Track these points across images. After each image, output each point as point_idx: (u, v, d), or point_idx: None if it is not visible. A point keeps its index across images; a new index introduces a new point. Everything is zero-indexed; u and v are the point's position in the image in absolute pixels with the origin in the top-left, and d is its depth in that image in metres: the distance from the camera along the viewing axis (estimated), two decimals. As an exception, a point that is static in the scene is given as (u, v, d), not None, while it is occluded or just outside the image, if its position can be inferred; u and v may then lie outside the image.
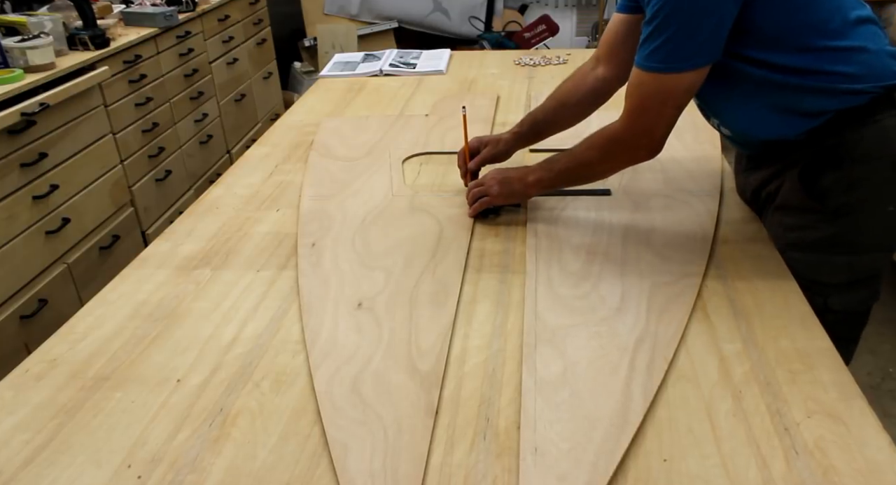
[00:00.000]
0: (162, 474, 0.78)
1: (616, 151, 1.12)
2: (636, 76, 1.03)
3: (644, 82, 1.02)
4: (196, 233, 1.30)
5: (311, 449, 0.80)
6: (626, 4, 1.24)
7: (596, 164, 1.15)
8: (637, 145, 1.09)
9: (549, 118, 1.35)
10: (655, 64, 1.00)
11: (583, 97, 1.32)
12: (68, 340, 1.02)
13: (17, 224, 1.95)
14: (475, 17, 4.21)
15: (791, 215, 1.13)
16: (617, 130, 1.09)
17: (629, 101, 1.06)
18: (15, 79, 2.00)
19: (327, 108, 1.94)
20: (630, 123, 1.07)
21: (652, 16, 0.98)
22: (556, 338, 0.96)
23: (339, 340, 0.98)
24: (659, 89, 1.02)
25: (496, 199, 1.24)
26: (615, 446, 0.77)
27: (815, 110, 1.05)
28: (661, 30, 0.97)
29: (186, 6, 2.96)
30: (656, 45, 0.99)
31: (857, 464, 0.74)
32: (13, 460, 0.81)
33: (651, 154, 1.09)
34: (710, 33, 0.97)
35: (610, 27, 1.29)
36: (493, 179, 1.25)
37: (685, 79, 1.01)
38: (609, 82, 1.30)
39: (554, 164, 1.19)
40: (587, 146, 1.15)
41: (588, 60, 1.34)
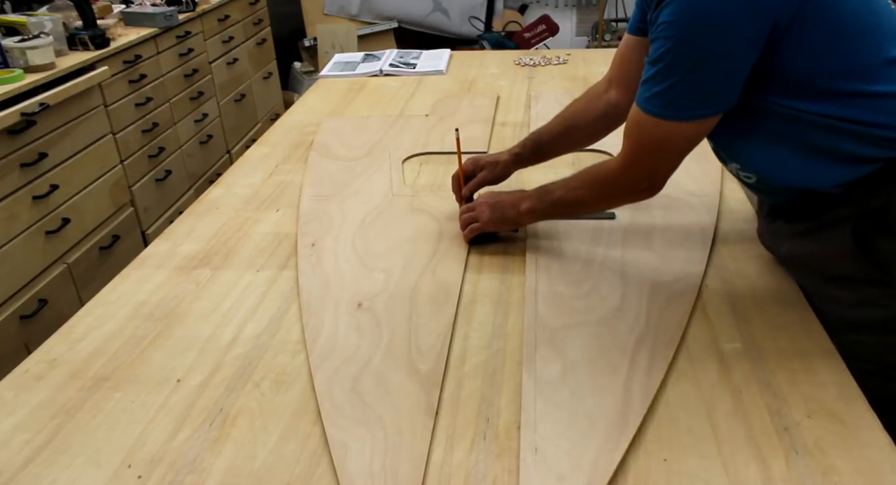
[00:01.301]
0: (162, 474, 0.78)
1: (612, 193, 1.04)
2: (635, 114, 0.93)
3: (643, 125, 0.92)
4: (196, 233, 1.30)
5: (311, 449, 0.80)
6: (636, 26, 1.13)
7: (590, 203, 1.08)
8: (636, 188, 1.00)
9: (555, 140, 1.25)
10: (656, 109, 0.89)
11: (593, 121, 1.23)
12: (68, 340, 1.02)
13: (17, 224, 1.95)
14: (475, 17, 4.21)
15: (846, 289, 0.94)
16: (613, 170, 1.00)
17: (628, 141, 0.97)
18: (15, 79, 2.00)
19: (327, 108, 1.94)
20: (628, 165, 0.98)
21: (656, 57, 0.87)
22: (556, 338, 0.96)
23: (339, 340, 0.98)
24: (659, 135, 0.92)
25: (487, 225, 1.16)
26: (615, 446, 0.77)
27: (853, 156, 0.88)
28: (665, 74, 0.87)
29: (186, 6, 2.96)
30: (658, 89, 0.88)
31: (857, 464, 0.74)
32: (13, 460, 0.81)
33: (652, 194, 1.00)
34: (720, 83, 0.86)
35: (622, 48, 1.19)
36: (485, 203, 1.17)
37: (689, 128, 0.90)
38: (622, 108, 1.18)
39: (548, 194, 1.11)
40: (582, 183, 1.07)
41: (601, 81, 1.24)
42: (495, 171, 1.26)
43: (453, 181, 1.28)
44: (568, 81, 2.06)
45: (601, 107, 1.22)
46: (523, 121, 1.76)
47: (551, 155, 1.28)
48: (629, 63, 1.16)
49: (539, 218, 1.16)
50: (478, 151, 1.60)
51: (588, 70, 2.16)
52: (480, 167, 1.26)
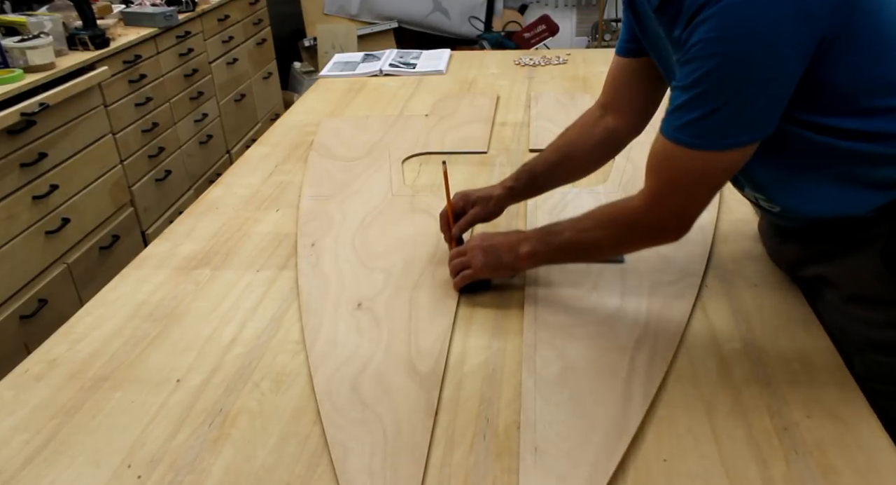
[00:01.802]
0: (162, 474, 0.78)
1: (634, 235, 0.93)
2: (663, 148, 0.83)
3: (674, 157, 0.82)
4: (196, 233, 1.30)
5: (311, 449, 0.80)
6: (627, 47, 1.06)
7: (607, 246, 0.97)
8: (663, 229, 0.90)
9: (551, 172, 1.14)
10: (691, 139, 0.79)
11: (591, 150, 1.14)
12: (68, 341, 1.01)
13: (17, 224, 1.95)
14: (475, 17, 4.21)
15: (872, 310, 0.90)
16: (636, 209, 0.89)
17: (653, 178, 0.87)
18: (15, 79, 2.00)
19: (327, 108, 1.94)
20: (654, 203, 0.87)
21: (692, 81, 0.77)
22: (556, 338, 0.96)
23: (339, 340, 0.98)
24: (693, 168, 0.82)
25: (480, 271, 1.04)
26: (615, 446, 0.77)
27: (889, 182, 0.84)
28: (705, 99, 0.77)
29: (186, 6, 2.96)
30: (694, 116, 0.78)
31: (857, 464, 0.74)
32: (13, 460, 0.81)
33: (679, 236, 0.89)
34: (766, 104, 0.77)
35: (613, 72, 1.12)
36: (478, 247, 1.04)
37: (728, 158, 0.81)
38: (620, 134, 1.12)
39: (553, 235, 0.99)
40: (596, 223, 0.95)
41: (593, 107, 1.16)
42: (488, 207, 1.13)
43: (441, 219, 1.15)
44: (568, 81, 2.06)
45: (598, 134, 1.13)
46: (523, 121, 1.76)
47: (547, 188, 1.18)
48: (624, 87, 1.10)
49: (541, 263, 1.04)
50: (477, 151, 1.60)
51: (588, 70, 2.16)
52: (471, 203, 1.14)
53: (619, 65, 1.10)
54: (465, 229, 1.13)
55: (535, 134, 1.66)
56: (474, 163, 1.54)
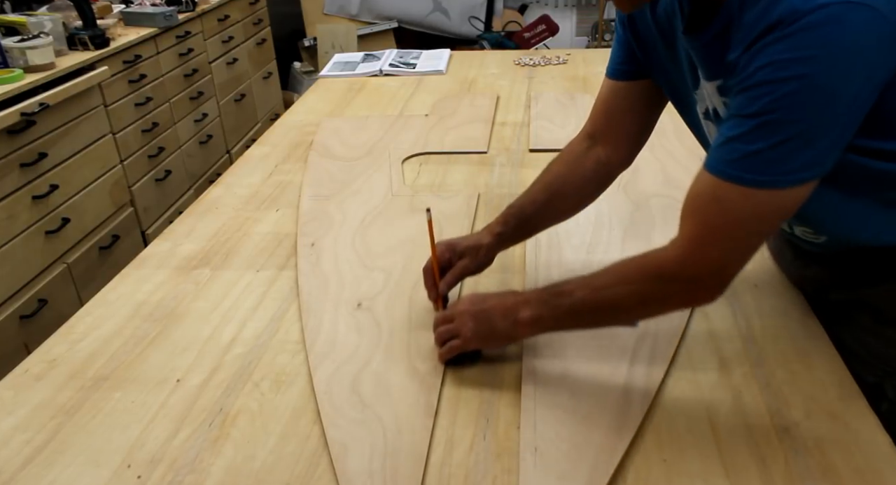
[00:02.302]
0: (161, 474, 0.78)
1: (666, 293, 0.79)
2: (711, 187, 0.72)
3: (725, 197, 0.71)
4: (196, 233, 1.30)
5: (311, 449, 0.80)
6: (622, 69, 0.97)
7: (629, 306, 0.82)
8: (697, 286, 0.77)
9: (541, 213, 1.03)
10: (751, 174, 0.68)
11: (581, 186, 1.03)
12: (68, 341, 1.01)
13: (16, 224, 1.95)
14: (475, 17, 4.21)
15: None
16: (670, 260, 0.77)
17: (694, 223, 0.75)
18: (15, 79, 2.00)
19: (327, 108, 1.94)
20: (693, 253, 0.75)
21: (758, 109, 0.67)
22: (555, 338, 0.96)
23: (339, 340, 0.98)
24: (747, 209, 0.70)
25: (470, 342, 0.89)
26: (615, 446, 0.77)
27: None
28: (773, 129, 0.67)
29: (186, 6, 2.96)
30: (757, 148, 0.67)
31: (857, 464, 0.74)
32: (13, 460, 0.81)
33: (715, 296, 0.77)
34: (840, 133, 0.68)
35: (605, 98, 1.02)
36: (467, 312, 0.89)
37: (791, 196, 0.70)
38: (612, 166, 1.03)
39: (562, 296, 0.84)
40: (618, 278, 0.81)
41: (578, 138, 1.05)
42: (477, 257, 1.01)
43: (425, 275, 1.02)
44: (568, 81, 2.06)
45: (589, 167, 1.02)
46: (523, 121, 1.76)
47: (537, 229, 1.06)
48: (617, 113, 1.00)
49: (545, 330, 0.88)
50: (477, 151, 1.60)
51: (588, 70, 2.16)
52: (458, 254, 1.01)
53: (612, 89, 1.00)
54: (454, 285, 1.00)
55: (535, 134, 1.66)
56: (474, 163, 1.54)
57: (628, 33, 0.93)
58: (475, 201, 1.35)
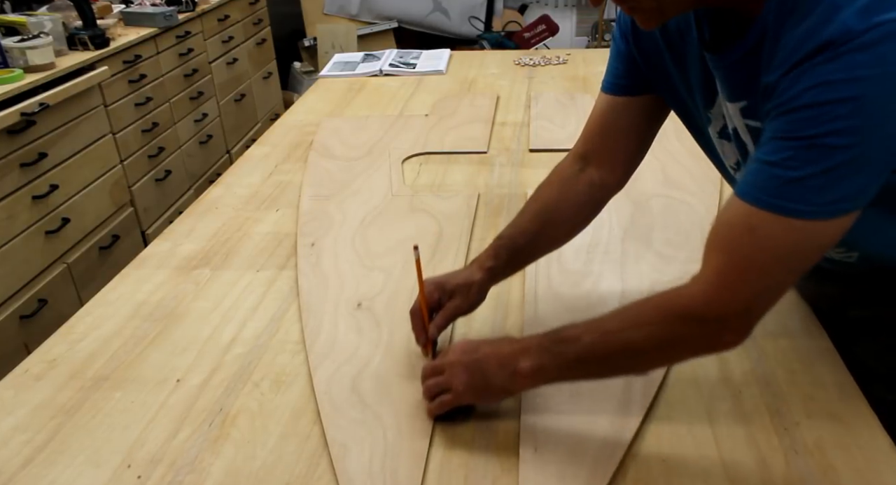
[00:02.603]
0: (161, 474, 0.78)
1: (687, 335, 0.71)
2: (745, 216, 0.65)
3: (761, 228, 0.64)
4: (196, 233, 1.30)
5: (311, 449, 0.80)
6: (622, 84, 0.91)
7: (647, 351, 0.73)
8: (724, 327, 0.69)
9: (533, 243, 0.96)
10: (792, 204, 0.62)
11: (574, 212, 0.97)
12: (68, 341, 1.01)
13: (17, 224, 1.95)
14: (475, 17, 4.21)
15: None
16: (694, 299, 0.69)
17: (723, 257, 0.68)
18: (15, 79, 2.00)
19: (327, 108, 1.94)
20: (721, 290, 0.68)
21: (801, 134, 0.61)
22: (555, 338, 0.95)
23: (339, 340, 0.98)
24: (786, 242, 0.64)
25: (462, 396, 0.80)
26: (615, 446, 0.77)
27: None
28: (818, 155, 0.61)
29: (186, 6, 2.96)
30: (798, 175, 0.62)
31: (857, 464, 0.74)
32: (13, 460, 0.81)
33: (739, 341, 0.70)
34: (889, 159, 0.63)
35: (600, 115, 0.95)
36: (459, 363, 0.80)
37: (834, 227, 0.64)
38: (606, 188, 0.97)
39: (567, 342, 0.76)
40: (632, 320, 0.74)
41: (568, 159, 0.98)
42: (469, 296, 0.92)
43: (413, 317, 0.93)
44: (568, 81, 2.06)
45: (582, 192, 0.96)
46: (523, 121, 1.76)
47: (530, 260, 1.00)
48: (614, 130, 0.94)
49: (548, 381, 0.79)
50: (477, 151, 1.60)
51: (588, 70, 2.16)
52: (449, 293, 0.92)
53: (610, 105, 0.93)
54: (444, 327, 0.92)
55: (535, 134, 1.66)
56: (474, 163, 1.54)
57: (631, 46, 0.88)
58: (475, 201, 1.35)
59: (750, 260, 0.67)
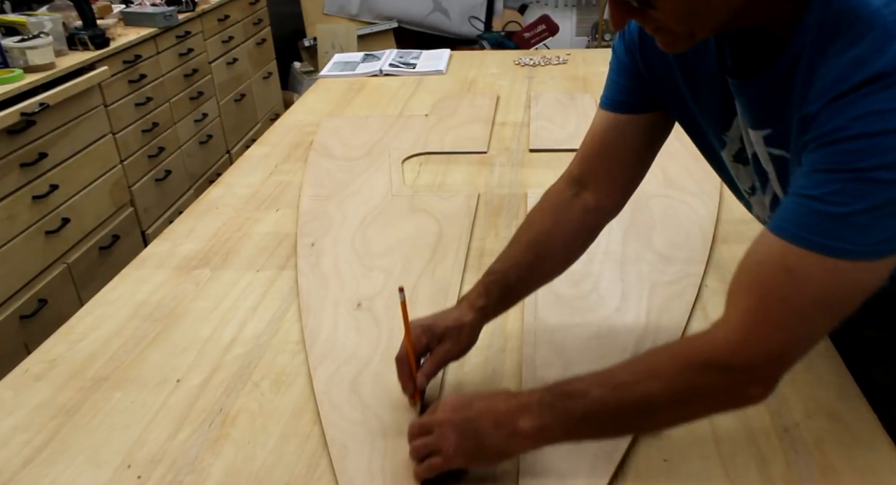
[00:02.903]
0: (161, 474, 0.78)
1: (711, 387, 0.65)
2: (779, 255, 0.60)
3: (798, 268, 0.59)
4: (196, 233, 1.30)
5: (311, 449, 0.80)
6: (626, 100, 0.85)
7: (665, 406, 0.66)
8: (751, 378, 0.63)
9: (527, 277, 0.89)
10: (835, 242, 0.57)
11: (569, 241, 0.90)
12: (68, 341, 1.01)
13: (17, 224, 1.95)
14: (475, 17, 4.21)
15: None
16: (719, 345, 0.63)
17: (753, 298, 0.62)
18: (15, 79, 2.00)
19: (327, 108, 1.94)
20: (750, 336, 0.62)
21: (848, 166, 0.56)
22: (555, 338, 0.96)
23: (339, 340, 0.98)
24: (826, 283, 0.59)
25: (453, 460, 0.72)
26: (615, 446, 0.77)
27: None
28: (866, 190, 0.56)
29: (186, 6, 2.96)
30: (843, 211, 0.56)
31: (857, 464, 0.74)
32: (13, 460, 0.81)
33: (766, 394, 0.64)
34: None
35: (600, 133, 0.88)
36: (450, 423, 0.73)
37: (879, 269, 0.59)
38: (602, 214, 0.91)
39: (572, 398, 0.68)
40: (647, 372, 0.67)
41: (561, 183, 0.91)
42: (459, 339, 0.84)
43: (399, 365, 0.84)
44: (568, 81, 2.06)
45: (576, 218, 0.89)
46: (523, 121, 1.76)
47: (523, 296, 0.92)
48: (615, 150, 0.87)
49: (552, 441, 0.71)
50: (477, 151, 1.60)
51: (588, 70, 2.16)
52: (438, 337, 0.83)
53: (612, 124, 0.87)
54: (434, 374, 0.84)
55: (535, 134, 1.66)
56: (474, 163, 1.54)
57: (638, 61, 0.82)
58: (475, 201, 1.35)
59: (785, 303, 0.60)
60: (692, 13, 0.61)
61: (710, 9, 0.61)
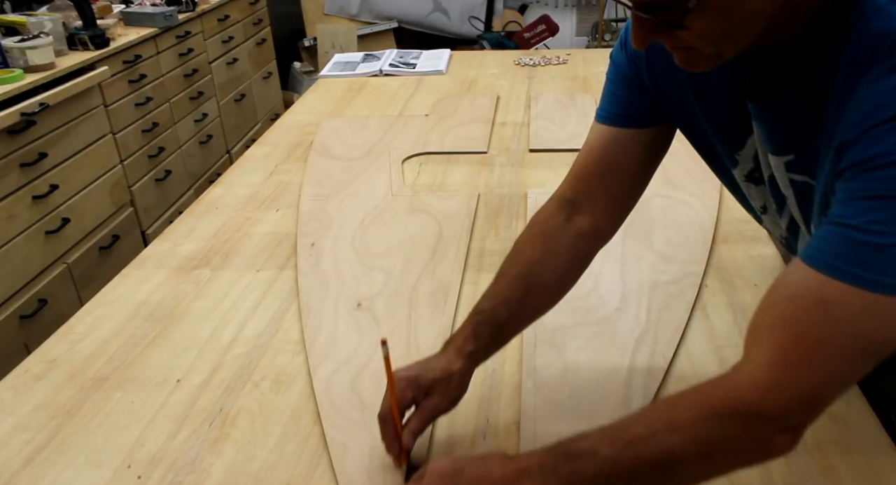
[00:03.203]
0: (162, 474, 0.78)
1: (738, 437, 0.57)
2: (815, 288, 0.55)
3: (836, 303, 0.54)
4: (196, 233, 1.30)
5: (311, 449, 0.80)
6: (625, 114, 0.80)
7: (685, 462, 0.59)
8: (781, 425, 0.57)
9: (517, 313, 0.80)
10: (879, 276, 0.52)
11: (563, 270, 0.82)
12: (68, 341, 1.01)
13: (17, 224, 1.95)
14: (475, 17, 4.21)
15: None
16: (744, 390, 0.57)
17: (784, 336, 0.56)
18: (15, 79, 2.00)
19: (327, 108, 1.94)
20: (781, 378, 0.56)
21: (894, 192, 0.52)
22: (555, 338, 0.96)
23: (339, 340, 0.98)
24: (868, 320, 0.54)
25: None
26: (615, 446, 0.77)
27: None
28: None
29: (186, 6, 2.96)
30: (890, 241, 0.52)
31: (857, 464, 0.74)
32: (13, 460, 0.81)
33: (793, 446, 0.57)
34: None
35: (596, 150, 0.82)
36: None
37: None
38: (598, 238, 0.84)
39: (579, 459, 0.61)
40: (664, 424, 0.59)
41: (551, 206, 0.84)
42: (448, 391, 0.75)
43: (383, 424, 0.75)
44: (568, 81, 2.06)
45: (569, 245, 0.82)
46: (523, 121, 1.76)
47: (513, 335, 0.82)
48: (614, 168, 0.82)
49: None
50: (477, 151, 1.60)
51: (588, 70, 2.16)
52: (424, 390, 0.75)
53: (612, 138, 0.81)
54: (421, 432, 0.75)
55: (535, 134, 1.66)
56: (474, 163, 1.54)
57: (643, 74, 0.77)
58: (475, 201, 1.35)
59: (821, 342, 0.55)
60: (724, 34, 0.57)
61: (743, 29, 0.58)
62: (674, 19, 0.55)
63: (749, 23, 0.57)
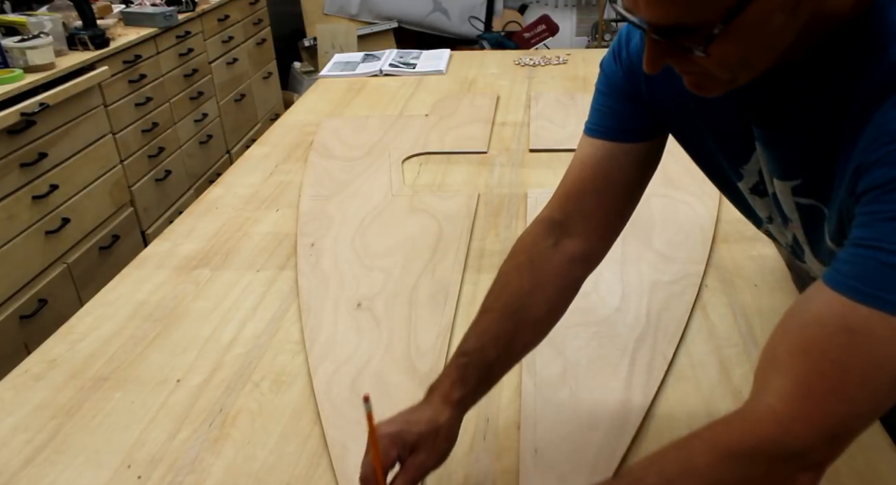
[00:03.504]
0: (161, 474, 0.78)
1: (759, 479, 0.54)
2: (839, 314, 0.51)
3: (862, 330, 0.50)
4: (196, 233, 1.30)
5: (311, 449, 0.80)
6: (621, 127, 0.76)
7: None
8: (803, 463, 0.53)
9: (505, 352, 0.74)
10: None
11: (554, 301, 0.77)
12: (68, 341, 1.01)
13: (16, 224, 1.95)
14: (475, 17, 4.21)
15: None
16: (765, 426, 0.53)
17: (807, 366, 0.53)
18: (15, 79, 2.00)
19: (327, 108, 1.94)
20: (805, 410, 0.52)
21: None
22: (556, 338, 0.96)
23: (339, 340, 0.98)
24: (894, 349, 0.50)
25: None
26: (615, 446, 0.77)
27: None
28: None
29: (186, 6, 2.96)
30: None
31: (857, 465, 0.74)
32: (13, 460, 0.81)
33: (818, 479, 0.55)
34: None
35: (588, 165, 0.77)
36: None
37: None
38: (589, 262, 0.80)
39: None
40: (681, 469, 0.55)
41: (537, 230, 0.79)
42: (436, 446, 0.70)
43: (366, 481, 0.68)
44: (568, 81, 2.06)
45: (560, 272, 0.77)
46: (523, 121, 1.76)
47: (502, 375, 0.76)
48: (607, 183, 0.77)
49: None
50: (477, 151, 1.60)
51: (588, 70, 2.16)
52: (410, 447, 0.69)
53: (604, 152, 0.76)
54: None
55: (535, 134, 1.66)
56: (474, 163, 1.54)
57: (642, 87, 0.74)
58: (475, 201, 1.35)
59: (847, 370, 0.51)
60: (742, 61, 0.55)
61: (763, 56, 0.55)
62: (695, 45, 0.53)
63: (770, 49, 0.55)
